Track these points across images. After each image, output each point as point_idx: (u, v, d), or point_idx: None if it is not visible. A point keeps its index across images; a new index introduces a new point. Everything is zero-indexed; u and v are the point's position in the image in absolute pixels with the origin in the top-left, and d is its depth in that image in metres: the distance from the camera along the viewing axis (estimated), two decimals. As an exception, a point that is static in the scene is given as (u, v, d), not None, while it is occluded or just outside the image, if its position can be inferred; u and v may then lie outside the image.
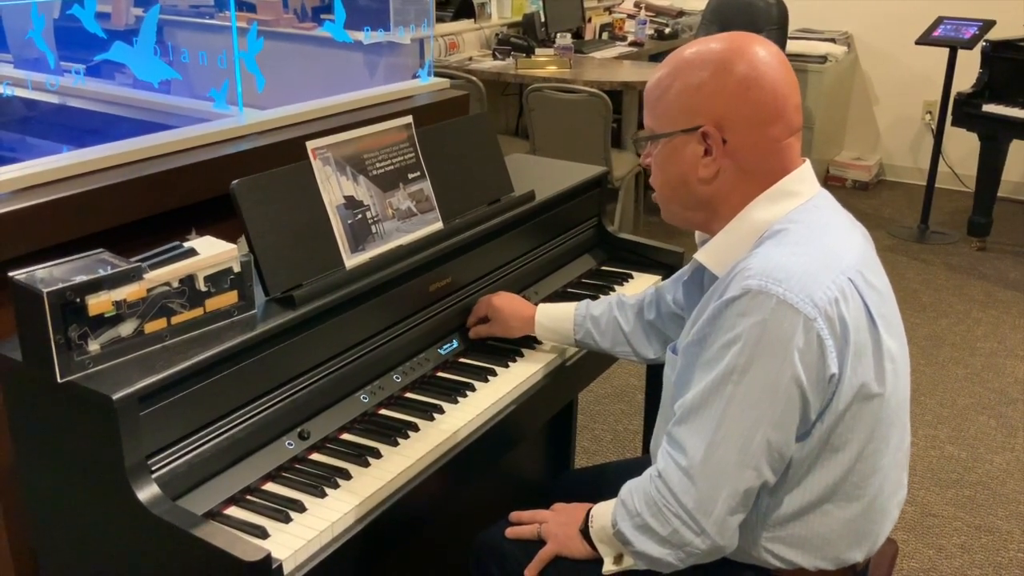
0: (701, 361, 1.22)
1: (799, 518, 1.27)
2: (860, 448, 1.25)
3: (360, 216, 1.56)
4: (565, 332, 1.70)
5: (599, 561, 1.34)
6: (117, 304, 1.24)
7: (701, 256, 1.33)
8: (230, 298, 1.37)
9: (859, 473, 1.26)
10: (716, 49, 1.26)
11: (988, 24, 4.47)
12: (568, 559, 1.38)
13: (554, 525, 1.41)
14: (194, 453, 1.28)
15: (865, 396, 1.22)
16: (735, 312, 1.18)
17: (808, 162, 1.31)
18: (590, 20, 5.35)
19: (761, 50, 1.25)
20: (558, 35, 4.62)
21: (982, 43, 4.34)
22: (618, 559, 1.33)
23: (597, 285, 2.03)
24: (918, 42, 4.62)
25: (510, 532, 1.46)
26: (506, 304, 1.72)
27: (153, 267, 1.28)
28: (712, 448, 1.18)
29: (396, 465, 1.39)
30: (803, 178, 1.29)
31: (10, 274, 1.22)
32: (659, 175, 1.34)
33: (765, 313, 1.15)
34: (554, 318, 1.71)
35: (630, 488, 1.28)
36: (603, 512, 1.33)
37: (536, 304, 1.75)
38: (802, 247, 1.21)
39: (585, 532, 1.36)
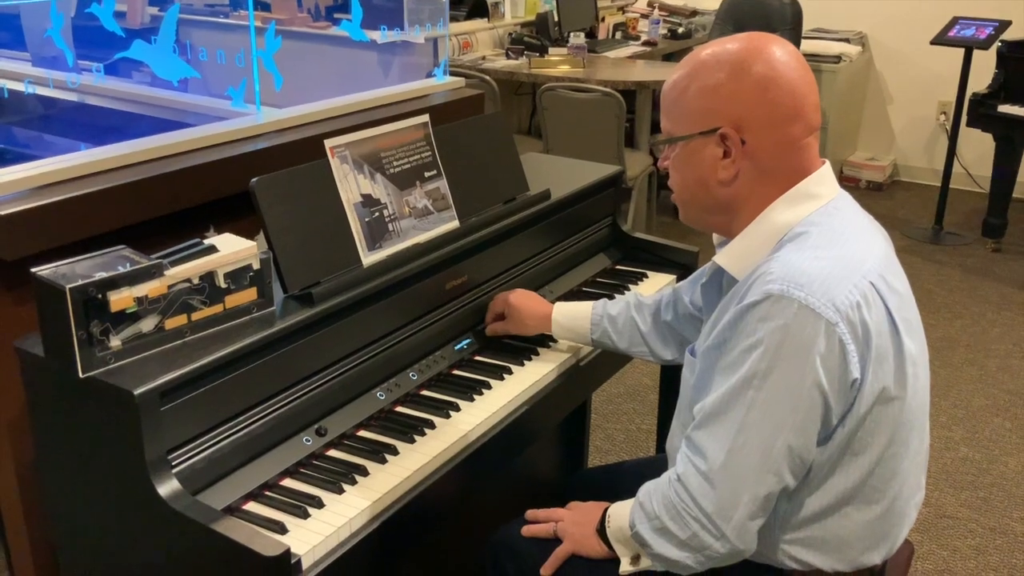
0: (721, 365, 1.22)
1: (818, 521, 1.26)
2: (880, 452, 1.24)
3: (377, 214, 1.57)
4: (582, 331, 1.71)
5: (615, 561, 1.35)
6: (138, 300, 1.25)
7: (720, 259, 1.32)
8: (249, 295, 1.38)
9: (879, 476, 1.25)
10: (733, 50, 1.26)
11: (1004, 24, 4.45)
12: (584, 558, 1.38)
13: (570, 524, 1.41)
14: (213, 448, 1.29)
15: (886, 400, 1.22)
16: (756, 317, 1.17)
17: (827, 163, 1.31)
18: (603, 19, 5.34)
19: (778, 49, 1.25)
20: (571, 34, 4.62)
21: (998, 43, 4.32)
22: (635, 560, 1.33)
23: (612, 284, 2.03)
24: (933, 42, 4.60)
25: (526, 530, 1.46)
26: (523, 302, 1.72)
27: (173, 264, 1.29)
28: (733, 453, 1.18)
29: (413, 462, 1.39)
30: (823, 180, 1.29)
31: (33, 270, 1.23)
32: (678, 178, 1.33)
33: (787, 318, 1.15)
34: (571, 317, 1.71)
35: (648, 490, 1.28)
36: (620, 513, 1.33)
37: (552, 303, 1.75)
38: (823, 251, 1.21)
39: (602, 532, 1.36)
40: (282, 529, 1.23)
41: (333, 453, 1.42)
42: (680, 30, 5.37)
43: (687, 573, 1.26)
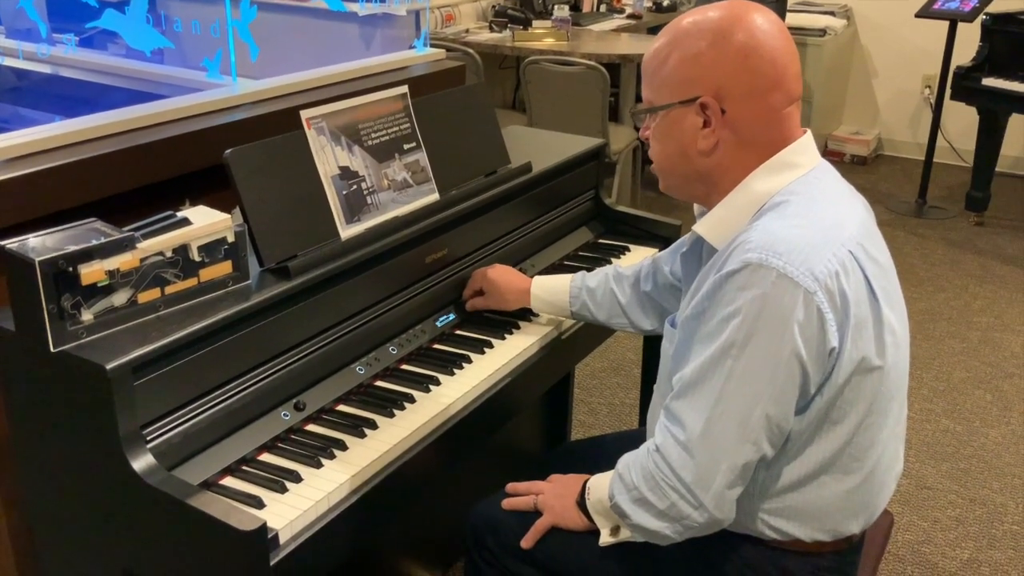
0: (700, 335, 1.21)
1: (796, 490, 1.27)
2: (859, 421, 1.24)
3: (355, 187, 1.55)
4: (561, 304, 1.70)
5: (595, 532, 1.35)
6: (110, 273, 1.23)
7: (700, 228, 1.31)
8: (224, 268, 1.36)
9: (857, 446, 1.25)
10: (714, 18, 1.24)
11: (989, -3, 4.44)
12: (564, 530, 1.38)
13: (550, 496, 1.41)
14: (189, 423, 1.27)
15: (865, 369, 1.21)
16: (735, 286, 1.17)
17: (809, 133, 1.30)
18: (588, -8, 5.30)
19: (759, 18, 1.23)
20: (555, 7, 4.57)
21: (982, 16, 4.31)
22: (615, 531, 1.33)
23: (594, 258, 2.02)
24: (918, 15, 4.59)
25: (506, 503, 1.46)
26: (501, 277, 1.71)
27: (146, 236, 1.27)
28: (711, 423, 1.18)
29: (392, 436, 1.38)
30: (803, 149, 1.28)
31: (2, 243, 1.21)
32: (658, 148, 1.32)
33: (765, 287, 1.14)
34: (550, 290, 1.70)
35: (627, 462, 1.27)
36: (600, 484, 1.33)
37: (532, 277, 1.74)
38: (802, 219, 1.20)
39: (582, 504, 1.36)
40: (259, 504, 1.22)
41: (312, 427, 1.40)
42: (665, 3, 5.33)
43: (666, 543, 1.26)
